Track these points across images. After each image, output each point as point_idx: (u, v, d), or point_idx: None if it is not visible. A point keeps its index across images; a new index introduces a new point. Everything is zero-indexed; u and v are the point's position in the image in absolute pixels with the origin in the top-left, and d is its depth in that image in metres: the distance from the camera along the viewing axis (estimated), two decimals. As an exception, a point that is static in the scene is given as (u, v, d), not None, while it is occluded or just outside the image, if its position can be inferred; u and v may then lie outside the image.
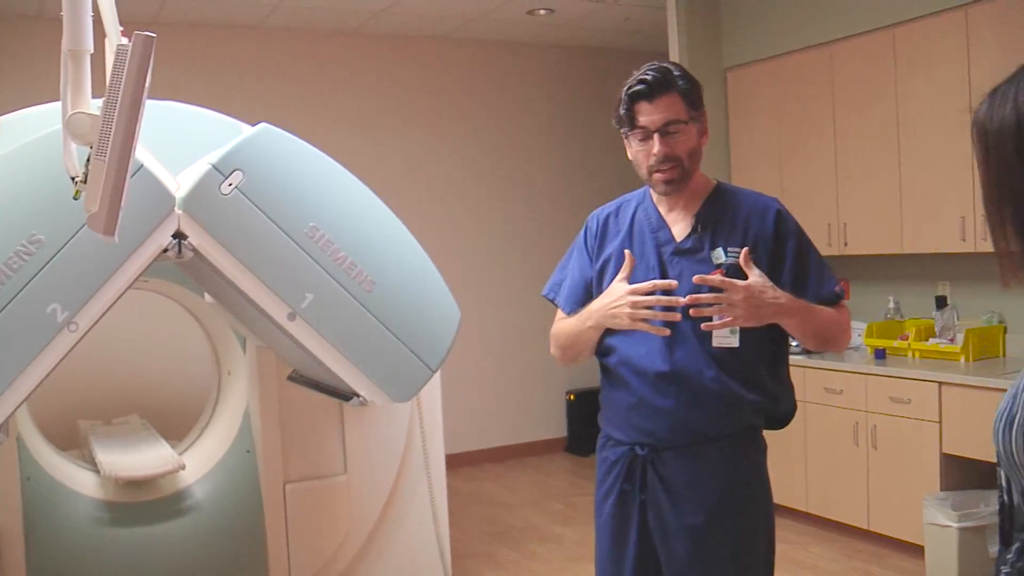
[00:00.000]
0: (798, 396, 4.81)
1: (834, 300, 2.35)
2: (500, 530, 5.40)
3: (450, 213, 6.87)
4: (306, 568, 3.84)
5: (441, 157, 6.90)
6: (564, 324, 2.48)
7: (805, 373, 5.01)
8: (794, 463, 5.08)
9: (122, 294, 2.76)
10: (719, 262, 2.28)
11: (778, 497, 5.16)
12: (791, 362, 2.49)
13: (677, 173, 2.33)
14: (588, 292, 2.47)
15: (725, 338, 2.27)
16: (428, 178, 6.83)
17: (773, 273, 2.31)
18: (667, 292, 2.27)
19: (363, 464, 3.91)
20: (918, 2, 4.72)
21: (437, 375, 4.10)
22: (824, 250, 5.22)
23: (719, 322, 2.19)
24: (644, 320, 2.25)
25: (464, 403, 6.85)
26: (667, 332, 2.25)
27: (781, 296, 2.21)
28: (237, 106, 4.52)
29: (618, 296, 2.29)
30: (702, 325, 2.22)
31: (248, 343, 3.93)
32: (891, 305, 5.26)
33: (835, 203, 5.23)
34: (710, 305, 2.18)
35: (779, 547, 4.77)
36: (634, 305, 2.24)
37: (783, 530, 5.00)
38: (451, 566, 4.19)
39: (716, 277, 2.17)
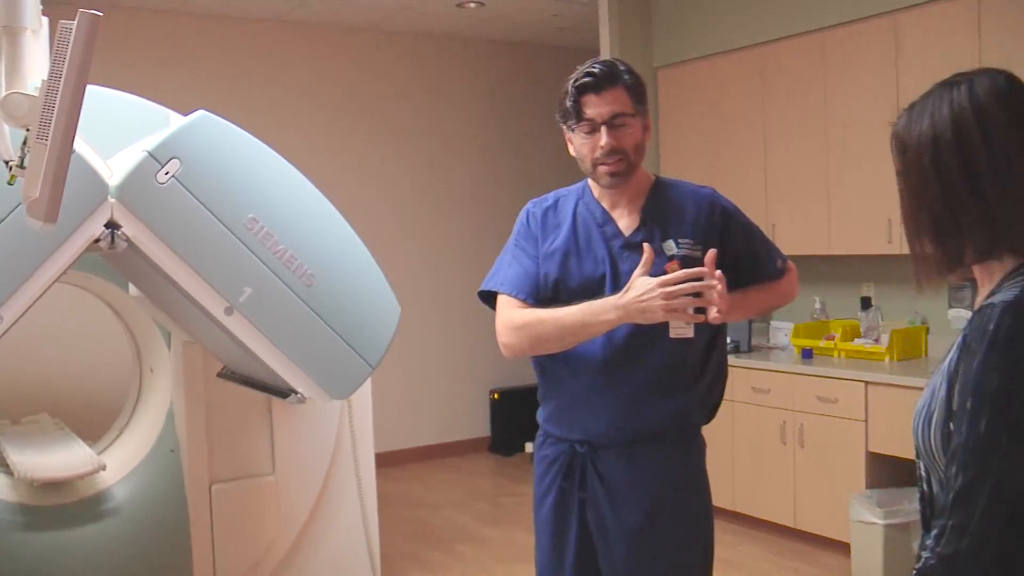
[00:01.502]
0: (729, 396, 4.83)
1: (778, 276, 2.45)
2: (426, 531, 5.33)
3: (374, 209, 6.75)
4: (232, 571, 3.71)
5: (366, 151, 6.78)
6: (547, 313, 2.32)
7: (733, 372, 4.98)
8: (722, 462, 5.11)
9: (49, 286, 2.61)
10: (671, 253, 2.29)
11: (707, 496, 5.20)
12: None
13: (623, 166, 2.31)
14: (542, 276, 2.38)
15: (682, 329, 2.26)
16: (353, 172, 6.71)
17: (724, 260, 2.29)
18: (616, 284, 2.29)
19: (292, 464, 3.80)
20: (848, 7, 4.79)
21: (368, 373, 4.02)
22: (753, 251, 5.32)
23: (713, 316, 2.13)
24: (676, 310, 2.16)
25: (387, 402, 6.74)
26: (703, 318, 2.18)
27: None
28: (153, 93, 4.35)
29: (647, 289, 2.17)
30: (689, 318, 2.17)
31: (173, 339, 3.78)
32: (817, 306, 5.34)
33: (764, 204, 5.28)
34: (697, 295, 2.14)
35: (708, 546, 4.80)
36: (668, 296, 2.16)
37: (711, 529, 5.06)
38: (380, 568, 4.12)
39: (694, 270, 2.14)
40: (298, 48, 6.51)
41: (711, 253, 2.17)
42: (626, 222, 2.38)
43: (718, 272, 2.14)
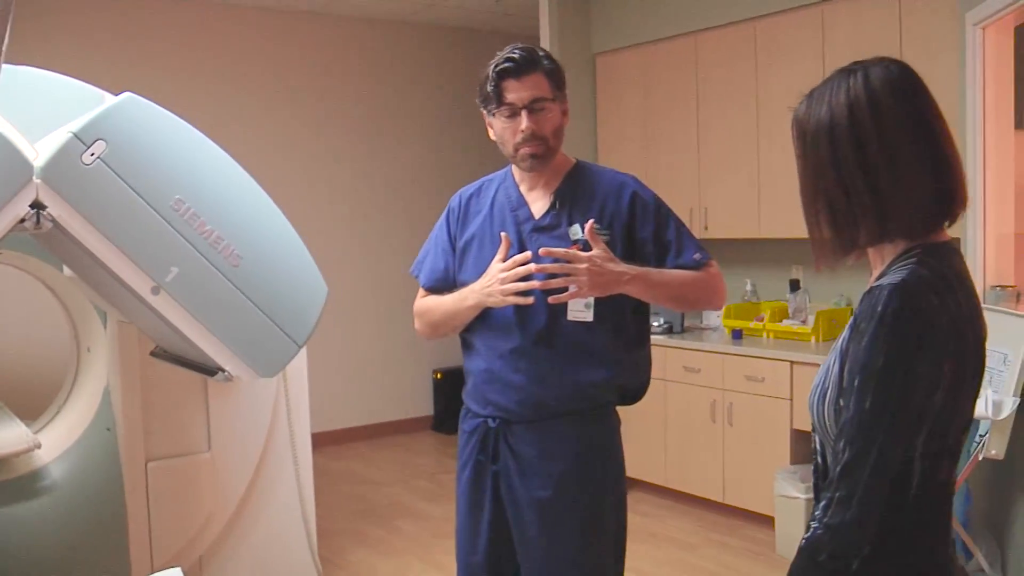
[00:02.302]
0: (662, 376, 4.99)
1: (696, 267, 2.42)
2: (366, 508, 5.41)
3: (316, 191, 6.80)
4: (168, 548, 3.77)
5: (308, 135, 6.82)
6: (435, 301, 2.53)
7: (665, 352, 5.17)
8: (653, 439, 5.25)
9: (-25, 265, 2.66)
10: (576, 238, 2.36)
11: (638, 472, 5.36)
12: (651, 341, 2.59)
13: (542, 149, 2.39)
14: (448, 270, 2.53)
15: (579, 311, 2.35)
16: (295, 155, 6.74)
17: (634, 247, 2.40)
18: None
19: (227, 441, 3.87)
20: (778, -3, 4.92)
21: (303, 352, 4.08)
22: (685, 234, 5.43)
23: (566, 294, 2.25)
24: (514, 294, 2.32)
25: (330, 381, 6.82)
26: (531, 300, 2.32)
27: (622, 266, 2.29)
28: (101, 75, 4.37)
29: (491, 276, 2.35)
30: (549, 298, 2.28)
31: (109, 318, 3.82)
32: (748, 288, 5.47)
33: (697, 188, 5.40)
34: (555, 276, 2.25)
35: (638, 520, 4.95)
36: (503, 282, 2.31)
37: (642, 504, 5.21)
38: (319, 545, 4.19)
39: (560, 249, 2.25)
40: (238, 32, 6.52)
41: (589, 225, 2.28)
42: (539, 205, 2.46)
43: (561, 249, 2.25)
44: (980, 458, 3.44)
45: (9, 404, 4.60)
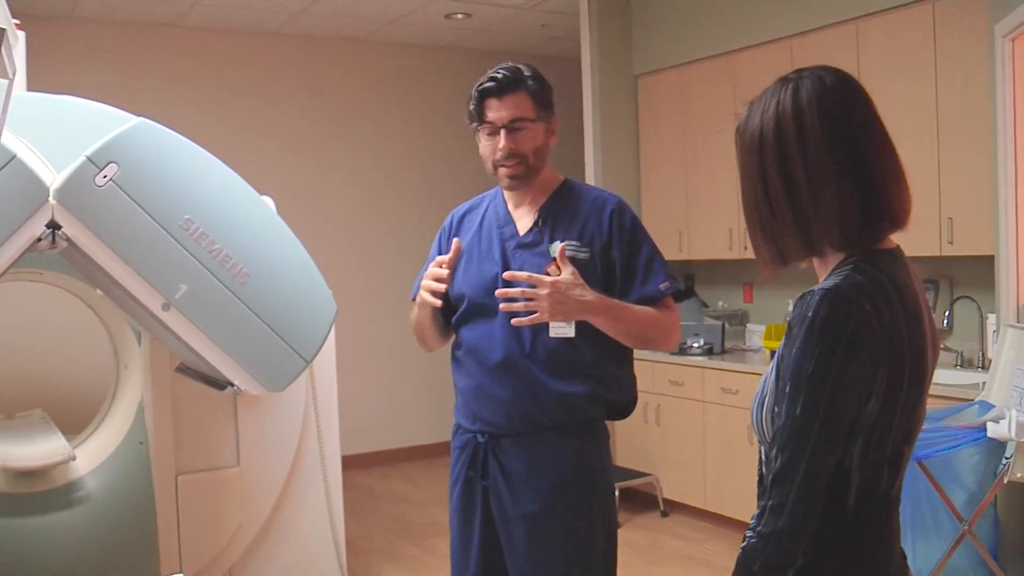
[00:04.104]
0: (700, 397, 4.96)
1: (658, 298, 2.40)
2: (404, 527, 5.46)
3: (366, 216, 6.93)
4: (197, 559, 3.87)
5: (356, 159, 6.96)
6: (414, 316, 2.60)
7: (704, 373, 5.14)
8: (692, 461, 5.20)
9: (-7, 282, 2.79)
10: (555, 255, 2.36)
11: (676, 494, 5.33)
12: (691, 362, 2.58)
13: (521, 169, 2.42)
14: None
15: (560, 328, 2.35)
16: (344, 177, 6.89)
17: (607, 268, 2.41)
18: (509, 284, 2.37)
19: (256, 457, 3.96)
20: (812, 15, 4.88)
21: (333, 371, 4.17)
22: (725, 254, 5.42)
23: (526, 319, 2.26)
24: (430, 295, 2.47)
25: (380, 403, 6.92)
26: (438, 303, 2.46)
27: (588, 295, 2.28)
28: (149, 105, 4.54)
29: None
30: (512, 320, 2.29)
31: (143, 335, 3.96)
32: (790, 308, 5.40)
33: (736, 208, 5.32)
34: (517, 300, 2.27)
35: (674, 543, 4.91)
36: (424, 285, 2.45)
37: (680, 526, 5.17)
38: (351, 561, 4.24)
39: (524, 273, 2.27)
40: (289, 60, 6.70)
41: (560, 248, 2.30)
42: (524, 222, 2.49)
43: (524, 273, 2.28)
44: (1005, 481, 3.34)
45: (63, 420, 4.79)
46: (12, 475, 3.87)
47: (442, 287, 2.43)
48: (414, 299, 2.64)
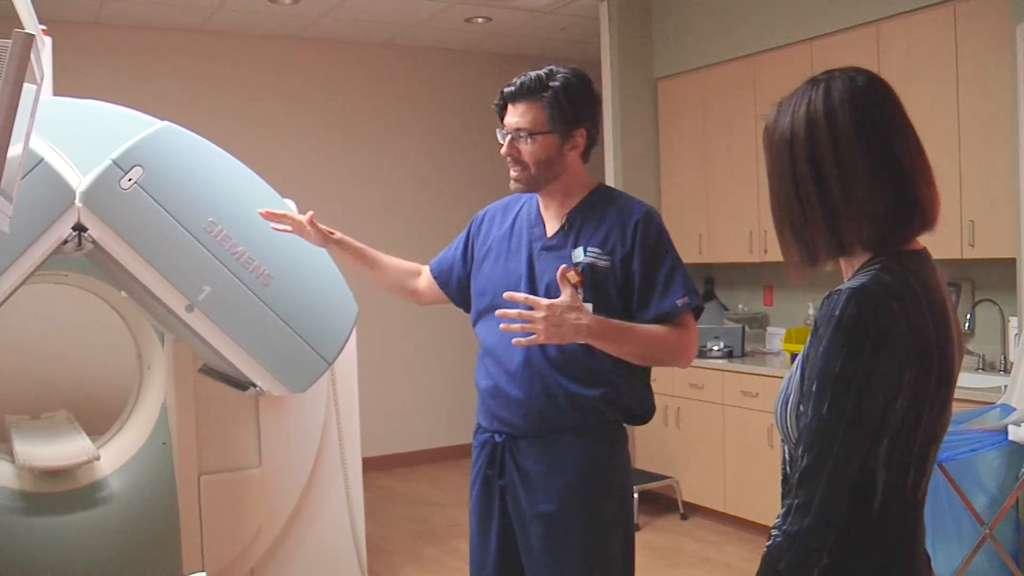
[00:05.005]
0: (720, 400, 4.97)
1: (675, 313, 2.37)
2: (426, 528, 5.49)
3: (386, 218, 6.95)
4: (220, 558, 3.91)
5: (381, 161, 6.99)
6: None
7: (724, 376, 5.13)
8: (712, 464, 5.20)
9: (20, 284, 2.83)
10: (577, 260, 2.38)
11: (696, 497, 5.33)
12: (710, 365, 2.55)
13: (524, 176, 2.44)
14: (455, 264, 2.67)
15: None
16: (369, 181, 6.93)
17: (627, 278, 2.40)
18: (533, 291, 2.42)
19: (278, 458, 3.99)
20: (833, 17, 4.87)
21: (354, 372, 4.20)
22: (745, 257, 5.41)
23: (525, 339, 2.24)
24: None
25: (403, 405, 6.95)
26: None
27: (585, 319, 2.24)
28: (173, 109, 4.59)
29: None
30: (513, 340, 2.28)
31: (166, 337, 4.00)
32: (810, 311, 5.40)
33: (757, 211, 5.36)
34: (515, 321, 2.25)
35: (694, 545, 4.91)
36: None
37: (701, 529, 5.16)
38: (373, 563, 4.26)
39: (521, 295, 2.26)
40: (310, 64, 6.74)
41: (560, 270, 2.26)
42: (552, 224, 2.50)
43: (522, 295, 2.26)
44: (1027, 484, 3.34)
45: (87, 420, 4.84)
46: (37, 475, 3.91)
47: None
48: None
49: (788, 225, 1.55)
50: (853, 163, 1.47)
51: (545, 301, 2.22)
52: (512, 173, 2.44)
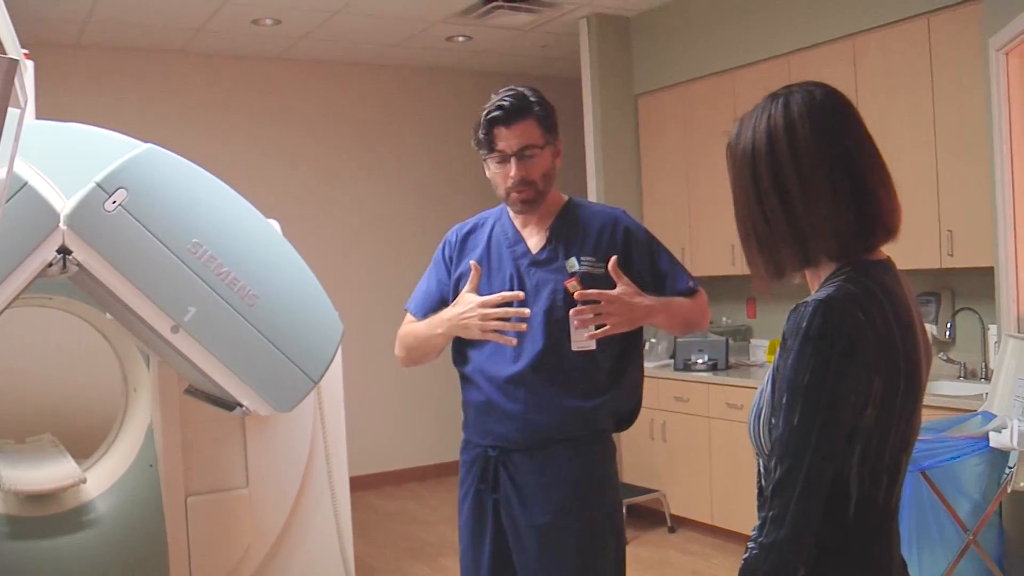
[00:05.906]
0: (706, 413, 5.02)
1: (690, 294, 2.53)
2: (414, 546, 5.48)
3: (370, 237, 6.97)
4: (208, 580, 3.91)
5: (360, 180, 7.02)
6: (412, 328, 2.62)
7: (708, 389, 5.16)
8: (698, 477, 5.22)
9: (5, 308, 2.83)
10: (573, 270, 2.43)
11: (683, 510, 5.34)
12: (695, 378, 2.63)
13: (532, 194, 2.47)
14: (442, 301, 2.61)
15: (583, 342, 2.41)
16: (353, 200, 6.94)
17: (630, 276, 2.45)
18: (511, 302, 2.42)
19: (265, 478, 3.99)
20: (810, 32, 4.94)
21: (340, 391, 4.20)
22: (727, 270, 5.45)
23: (601, 331, 2.33)
24: (495, 331, 2.40)
25: (388, 423, 6.94)
26: (514, 342, 2.40)
27: (647, 300, 2.38)
28: (157, 131, 4.59)
29: (468, 307, 2.42)
30: (587, 335, 2.37)
31: (152, 358, 4.00)
32: (792, 323, 5.42)
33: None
34: (591, 315, 2.34)
35: (682, 558, 4.92)
36: (484, 317, 2.39)
37: (689, 542, 5.18)
38: (358, 580, 4.27)
39: (594, 291, 2.32)
40: (292, 84, 6.77)
41: (612, 261, 2.35)
42: (535, 241, 2.54)
43: (595, 291, 2.32)
44: (1009, 490, 3.36)
45: (73, 444, 4.82)
46: (23, 499, 3.89)
47: (508, 325, 2.42)
48: (410, 312, 2.68)
49: (753, 239, 1.57)
50: (814, 175, 1.49)
51: (614, 292, 2.33)
52: (521, 195, 2.47)
